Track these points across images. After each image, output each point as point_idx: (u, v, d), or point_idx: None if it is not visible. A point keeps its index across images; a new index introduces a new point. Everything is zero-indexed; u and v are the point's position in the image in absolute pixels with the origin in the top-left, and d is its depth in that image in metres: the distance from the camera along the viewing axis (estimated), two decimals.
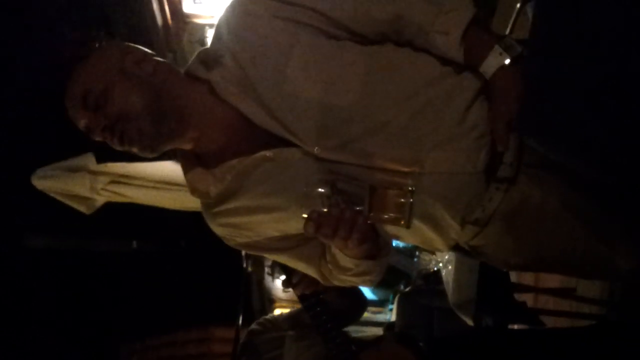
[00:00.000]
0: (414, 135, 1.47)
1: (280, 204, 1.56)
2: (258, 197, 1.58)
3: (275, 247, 1.72)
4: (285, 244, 1.70)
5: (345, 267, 1.61)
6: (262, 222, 1.64)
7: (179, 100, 1.56)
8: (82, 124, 1.56)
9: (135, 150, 1.55)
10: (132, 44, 1.66)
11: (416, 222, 1.50)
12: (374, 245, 1.49)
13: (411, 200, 1.35)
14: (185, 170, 1.67)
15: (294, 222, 1.55)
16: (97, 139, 1.58)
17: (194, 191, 1.66)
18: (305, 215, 1.37)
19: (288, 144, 1.51)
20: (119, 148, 1.57)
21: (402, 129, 1.47)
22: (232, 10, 1.58)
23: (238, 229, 1.68)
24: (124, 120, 1.51)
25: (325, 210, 1.37)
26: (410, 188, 1.36)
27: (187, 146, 1.62)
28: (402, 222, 1.37)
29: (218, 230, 1.71)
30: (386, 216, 1.38)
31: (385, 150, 1.47)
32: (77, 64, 1.57)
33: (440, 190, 1.48)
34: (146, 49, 1.66)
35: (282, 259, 1.80)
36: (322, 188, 1.38)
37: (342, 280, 1.68)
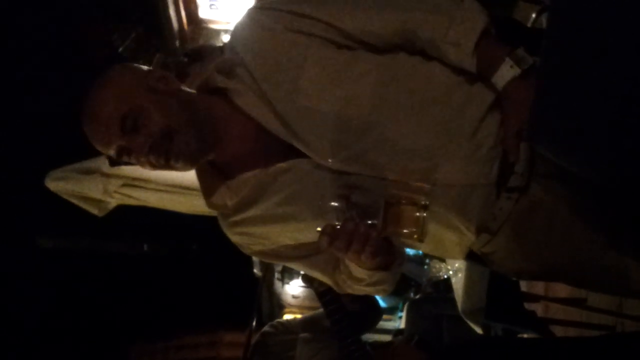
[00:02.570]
0: (427, 147, 1.47)
1: (296, 213, 1.57)
2: (273, 207, 1.59)
3: (290, 255, 1.73)
4: (300, 252, 1.71)
5: (358, 278, 1.62)
6: (277, 232, 1.65)
7: (208, 111, 1.56)
8: (115, 148, 1.51)
9: (178, 165, 1.52)
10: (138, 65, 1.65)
11: (432, 231, 1.51)
12: (387, 256, 1.51)
13: (425, 214, 1.36)
14: (202, 183, 1.67)
15: (309, 232, 1.56)
16: (132, 161, 1.54)
17: (210, 205, 1.67)
18: (319, 229, 1.38)
19: (302, 154, 1.52)
20: (160, 167, 1.52)
21: (414, 141, 1.47)
22: (245, 22, 1.59)
23: (254, 237, 1.70)
24: (169, 136, 1.48)
25: (339, 224, 1.38)
26: (424, 202, 1.37)
27: (210, 157, 1.62)
28: (416, 237, 1.38)
29: (234, 239, 1.72)
30: (400, 231, 1.39)
31: (398, 162, 1.47)
32: (97, 89, 1.53)
33: (453, 201, 1.48)
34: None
35: (297, 266, 1.81)
36: (336, 202, 1.39)
37: (356, 289, 1.69)
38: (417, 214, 1.36)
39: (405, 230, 1.38)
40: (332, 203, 1.39)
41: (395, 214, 1.36)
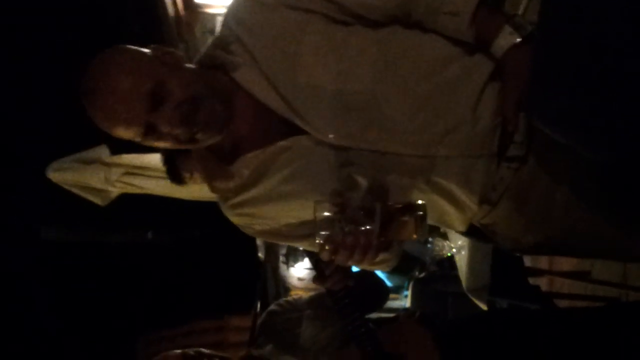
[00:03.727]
0: (428, 119, 1.47)
1: (298, 191, 1.57)
2: (276, 186, 1.58)
3: (293, 234, 1.73)
4: (302, 230, 1.70)
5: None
6: (280, 210, 1.65)
7: (216, 83, 1.53)
8: (142, 125, 1.44)
9: (205, 137, 1.49)
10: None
11: (435, 204, 1.52)
12: (389, 248, 1.51)
13: (421, 213, 1.37)
14: (204, 168, 1.67)
15: (311, 209, 1.56)
16: (153, 139, 1.49)
17: (214, 189, 1.67)
18: (319, 241, 1.38)
19: (302, 132, 1.52)
20: (185, 141, 1.48)
21: (415, 113, 1.47)
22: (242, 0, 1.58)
23: (256, 217, 1.69)
24: (195, 104, 1.45)
25: (336, 236, 1.37)
26: (420, 202, 1.38)
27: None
28: (415, 237, 1.38)
29: (235, 220, 1.72)
30: (398, 234, 1.40)
31: (398, 135, 1.47)
32: (110, 67, 1.47)
33: (456, 172, 1.48)
34: None
35: (301, 244, 1.81)
36: (330, 212, 1.37)
37: (361, 267, 1.70)
38: (414, 214, 1.37)
39: (403, 232, 1.39)
40: (325, 213, 1.37)
41: (392, 216, 1.37)
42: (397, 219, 1.37)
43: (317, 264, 2.50)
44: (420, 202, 1.38)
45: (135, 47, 1.53)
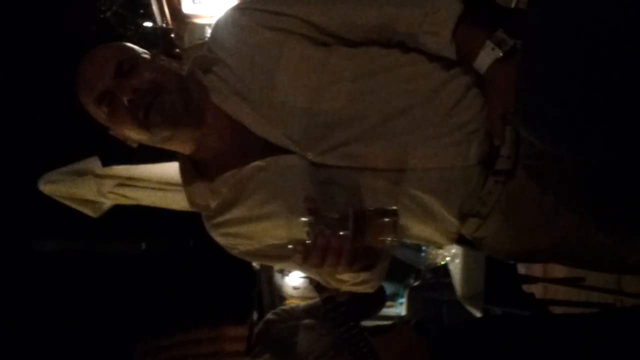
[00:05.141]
0: (401, 133, 1.47)
1: (277, 211, 1.57)
2: (255, 206, 1.59)
3: (276, 255, 1.72)
4: (285, 251, 1.70)
5: (342, 280, 1.63)
6: (261, 231, 1.65)
7: (199, 96, 1.58)
8: (102, 87, 1.51)
9: (156, 122, 1.52)
10: None
11: (414, 218, 1.52)
12: (366, 259, 1.50)
13: (395, 219, 1.37)
14: (185, 183, 1.68)
15: (291, 229, 1.56)
16: (106, 111, 1.54)
17: (193, 204, 1.67)
18: (291, 247, 1.39)
19: (281, 151, 1.53)
20: (138, 123, 1.52)
21: (388, 128, 1.48)
22: (223, 22, 1.61)
23: (239, 238, 1.69)
24: (156, 91, 1.50)
25: (309, 241, 1.37)
26: (393, 207, 1.38)
27: (189, 147, 1.63)
28: (388, 242, 1.38)
29: (220, 240, 1.72)
30: (372, 239, 1.39)
31: (374, 151, 1.48)
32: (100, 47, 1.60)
33: (432, 185, 1.48)
34: None
35: (285, 266, 1.81)
36: (305, 217, 1.38)
37: (344, 288, 1.70)
38: (387, 219, 1.36)
39: (376, 237, 1.38)
40: (302, 218, 1.38)
41: (365, 222, 1.36)
42: (371, 223, 1.37)
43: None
44: (393, 207, 1.38)
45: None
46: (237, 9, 1.61)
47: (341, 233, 1.36)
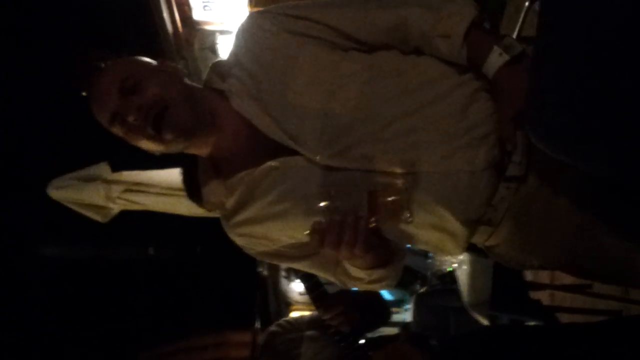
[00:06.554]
0: (410, 136, 1.49)
1: (289, 211, 1.59)
2: (267, 206, 1.61)
3: (292, 255, 1.76)
4: (301, 251, 1.73)
5: (358, 277, 1.64)
6: (275, 231, 1.67)
7: (207, 101, 1.62)
8: (111, 109, 1.55)
9: (168, 136, 1.55)
10: None
11: (421, 225, 1.53)
12: (382, 252, 1.52)
13: (407, 197, 1.40)
14: (203, 183, 1.71)
15: (304, 229, 1.58)
16: (121, 130, 1.58)
17: (208, 204, 1.70)
18: (307, 232, 1.41)
19: (293, 152, 1.55)
20: (150, 137, 1.55)
21: (397, 131, 1.49)
22: (244, 25, 1.64)
23: (255, 238, 1.72)
24: (163, 105, 1.53)
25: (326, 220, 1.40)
26: (404, 187, 1.41)
27: (206, 150, 1.66)
28: (403, 218, 1.39)
29: (238, 240, 1.75)
30: (386, 217, 1.41)
31: (383, 154, 1.50)
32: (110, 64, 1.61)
33: (439, 189, 1.49)
34: None
35: (301, 266, 1.83)
36: (322, 202, 1.40)
37: (360, 287, 1.71)
38: (399, 197, 1.39)
39: (391, 215, 1.41)
40: (320, 204, 1.40)
41: (379, 202, 1.39)
42: (384, 201, 1.40)
43: (322, 298, 2.52)
44: (404, 187, 1.41)
45: (142, 58, 1.67)
46: (260, 13, 1.65)
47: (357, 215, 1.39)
